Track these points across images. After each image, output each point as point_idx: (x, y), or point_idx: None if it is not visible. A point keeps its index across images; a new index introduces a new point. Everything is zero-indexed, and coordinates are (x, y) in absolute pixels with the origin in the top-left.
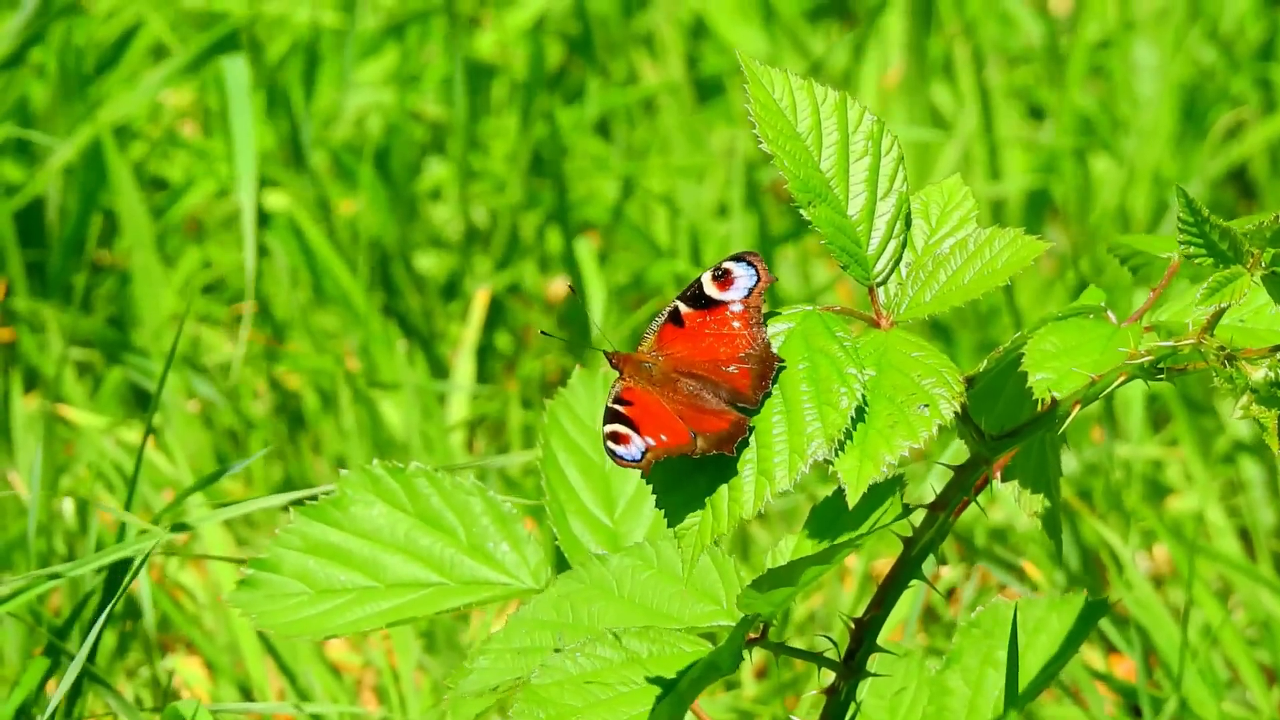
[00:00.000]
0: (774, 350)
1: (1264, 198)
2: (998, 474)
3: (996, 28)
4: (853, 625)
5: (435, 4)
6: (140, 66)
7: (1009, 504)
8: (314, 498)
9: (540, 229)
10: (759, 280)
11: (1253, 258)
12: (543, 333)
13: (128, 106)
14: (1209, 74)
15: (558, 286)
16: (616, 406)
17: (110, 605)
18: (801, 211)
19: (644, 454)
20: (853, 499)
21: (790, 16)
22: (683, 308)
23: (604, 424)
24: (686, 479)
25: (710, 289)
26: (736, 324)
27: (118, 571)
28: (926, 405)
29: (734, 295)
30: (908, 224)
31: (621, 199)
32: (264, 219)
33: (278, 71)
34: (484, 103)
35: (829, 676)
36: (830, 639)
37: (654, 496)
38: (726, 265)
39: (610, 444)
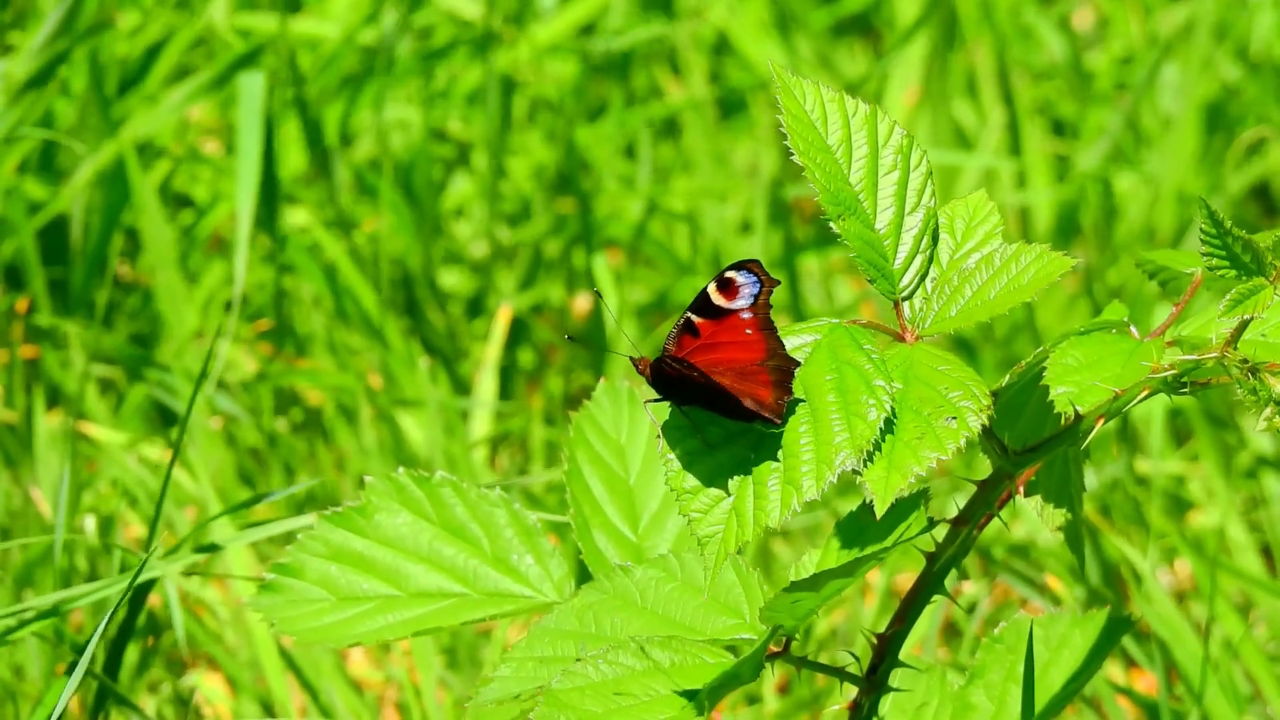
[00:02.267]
0: (789, 354)
1: None
2: (1020, 489)
3: (1019, 44)
4: (875, 640)
5: (474, 30)
6: (166, 84)
7: (1031, 519)
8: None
9: (565, 247)
10: (762, 285)
11: (1275, 270)
12: (568, 338)
13: (150, 124)
14: (1233, 91)
15: (581, 304)
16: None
17: (131, 623)
18: (831, 224)
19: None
20: (880, 509)
21: (813, 33)
22: (695, 318)
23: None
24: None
25: (717, 299)
26: (748, 331)
27: (142, 591)
28: (953, 418)
29: (741, 303)
30: (934, 239)
31: (645, 217)
32: (285, 237)
33: (304, 89)
34: (507, 120)
35: (851, 691)
36: (853, 654)
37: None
38: (729, 275)
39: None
